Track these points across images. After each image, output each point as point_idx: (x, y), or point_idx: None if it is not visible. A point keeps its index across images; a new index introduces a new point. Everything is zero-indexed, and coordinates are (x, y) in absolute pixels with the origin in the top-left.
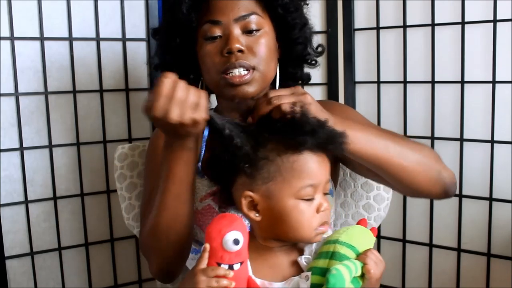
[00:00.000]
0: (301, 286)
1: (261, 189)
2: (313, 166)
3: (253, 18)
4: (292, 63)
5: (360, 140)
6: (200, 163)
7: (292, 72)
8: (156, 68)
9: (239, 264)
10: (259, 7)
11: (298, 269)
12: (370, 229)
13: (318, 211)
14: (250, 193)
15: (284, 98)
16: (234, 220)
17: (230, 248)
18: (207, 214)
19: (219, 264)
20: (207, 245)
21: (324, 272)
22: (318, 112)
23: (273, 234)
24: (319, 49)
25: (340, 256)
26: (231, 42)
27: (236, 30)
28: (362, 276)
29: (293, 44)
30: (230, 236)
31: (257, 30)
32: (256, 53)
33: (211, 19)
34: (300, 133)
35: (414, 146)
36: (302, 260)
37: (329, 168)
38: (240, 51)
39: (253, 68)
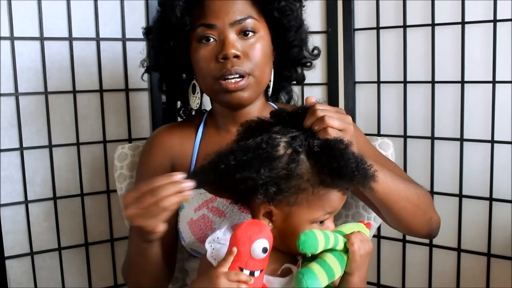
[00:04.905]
0: (294, 270)
1: (283, 208)
2: (338, 198)
3: (249, 22)
4: (287, 66)
5: (379, 179)
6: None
7: (287, 74)
8: (149, 69)
9: (260, 271)
10: (255, 10)
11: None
12: (365, 224)
13: None
14: (272, 208)
15: (333, 120)
16: (263, 227)
17: (257, 255)
18: (202, 224)
19: (241, 269)
20: (235, 249)
21: (313, 258)
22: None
23: (280, 244)
24: (315, 51)
25: None
26: (226, 48)
27: (232, 35)
28: (347, 253)
29: (288, 46)
30: (260, 243)
31: (253, 34)
32: (251, 58)
33: (206, 23)
34: (344, 170)
35: (418, 190)
36: None
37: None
38: (236, 56)
39: (249, 74)
